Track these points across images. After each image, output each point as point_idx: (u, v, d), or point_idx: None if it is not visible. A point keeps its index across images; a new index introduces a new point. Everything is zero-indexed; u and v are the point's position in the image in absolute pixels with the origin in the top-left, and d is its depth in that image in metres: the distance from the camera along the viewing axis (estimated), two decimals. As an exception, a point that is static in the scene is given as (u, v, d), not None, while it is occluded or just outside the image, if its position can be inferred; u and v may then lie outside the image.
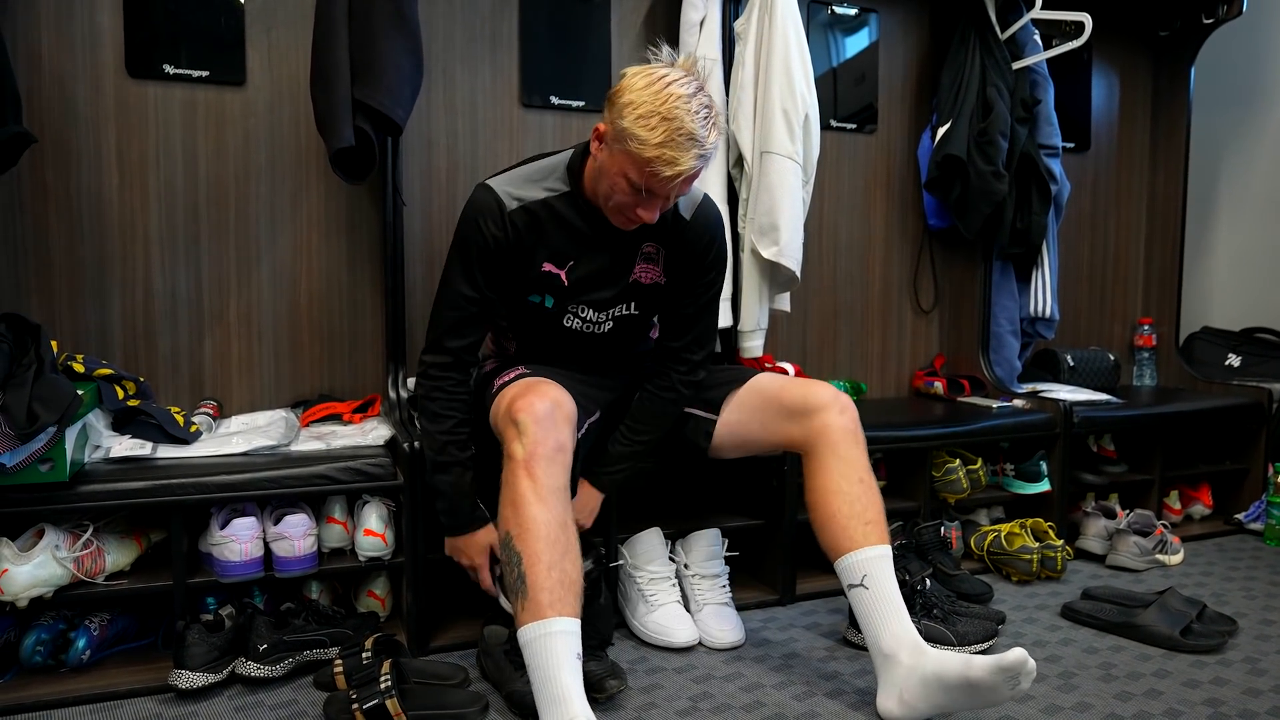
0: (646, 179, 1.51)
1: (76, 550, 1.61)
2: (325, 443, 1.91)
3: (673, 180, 1.50)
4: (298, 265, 2.21)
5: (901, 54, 2.84)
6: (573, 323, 1.78)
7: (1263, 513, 2.71)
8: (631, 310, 1.81)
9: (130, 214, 2.07)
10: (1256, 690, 1.69)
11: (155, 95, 2.07)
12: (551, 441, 1.53)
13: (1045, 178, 2.71)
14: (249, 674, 1.65)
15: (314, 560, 1.76)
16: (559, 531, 1.48)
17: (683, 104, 1.47)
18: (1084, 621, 2.02)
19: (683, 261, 1.77)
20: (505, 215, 1.66)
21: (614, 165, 1.54)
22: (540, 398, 1.56)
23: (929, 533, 2.21)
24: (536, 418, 1.53)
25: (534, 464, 1.50)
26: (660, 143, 1.46)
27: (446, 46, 2.30)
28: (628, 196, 1.56)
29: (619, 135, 1.51)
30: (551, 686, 1.37)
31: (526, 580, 1.44)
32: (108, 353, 2.05)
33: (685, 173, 1.50)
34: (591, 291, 1.75)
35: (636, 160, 1.49)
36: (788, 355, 2.69)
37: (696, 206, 1.76)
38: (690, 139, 1.47)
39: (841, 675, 1.75)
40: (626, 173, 1.52)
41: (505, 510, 1.51)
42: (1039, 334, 2.93)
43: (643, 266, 1.76)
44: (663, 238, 1.75)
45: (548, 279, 1.72)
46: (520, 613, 1.43)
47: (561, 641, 1.40)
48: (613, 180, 1.56)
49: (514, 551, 1.47)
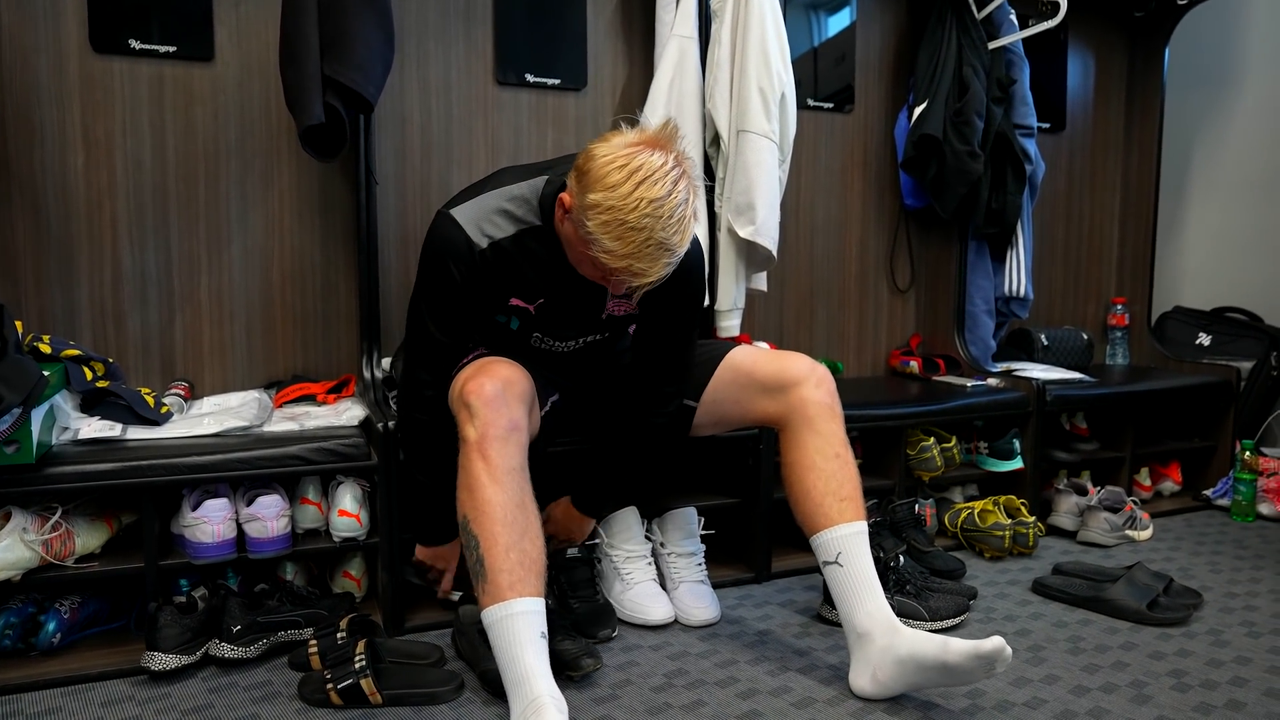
0: (612, 282, 1.46)
1: (45, 533, 1.59)
2: (299, 423, 1.90)
3: (640, 287, 1.43)
4: (270, 244, 2.18)
5: (879, 33, 2.83)
6: (539, 344, 1.74)
7: (1230, 489, 2.76)
8: (603, 337, 1.77)
9: (97, 193, 2.03)
10: (1219, 661, 1.72)
11: (121, 71, 2.03)
12: (504, 421, 1.49)
13: (1020, 158, 2.73)
14: (223, 655, 1.64)
15: (288, 541, 1.75)
16: (516, 512, 1.45)
17: (655, 210, 1.33)
18: (1054, 596, 2.05)
19: (659, 299, 1.62)
20: (475, 254, 1.55)
21: (580, 246, 1.44)
22: (490, 378, 1.52)
23: (903, 510, 2.23)
24: (486, 399, 1.49)
25: (487, 445, 1.47)
26: (627, 254, 1.36)
27: (419, 22, 2.27)
28: (592, 275, 1.49)
29: (585, 233, 1.38)
30: (516, 667, 1.37)
31: (485, 563, 1.42)
32: (76, 334, 2.02)
33: (654, 282, 1.41)
34: (560, 326, 1.71)
35: (601, 265, 1.40)
36: (764, 334, 2.69)
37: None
38: (660, 249, 1.36)
39: (815, 651, 1.77)
40: (593, 262, 1.42)
41: (461, 494, 1.49)
42: (1013, 313, 2.95)
43: (615, 303, 1.69)
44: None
45: (515, 309, 1.66)
46: (481, 596, 1.42)
47: (523, 622, 1.39)
48: (578, 258, 1.48)
49: (471, 535, 1.45)
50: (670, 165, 1.37)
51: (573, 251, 1.50)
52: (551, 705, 1.33)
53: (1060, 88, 3.15)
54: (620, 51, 2.48)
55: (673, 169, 1.37)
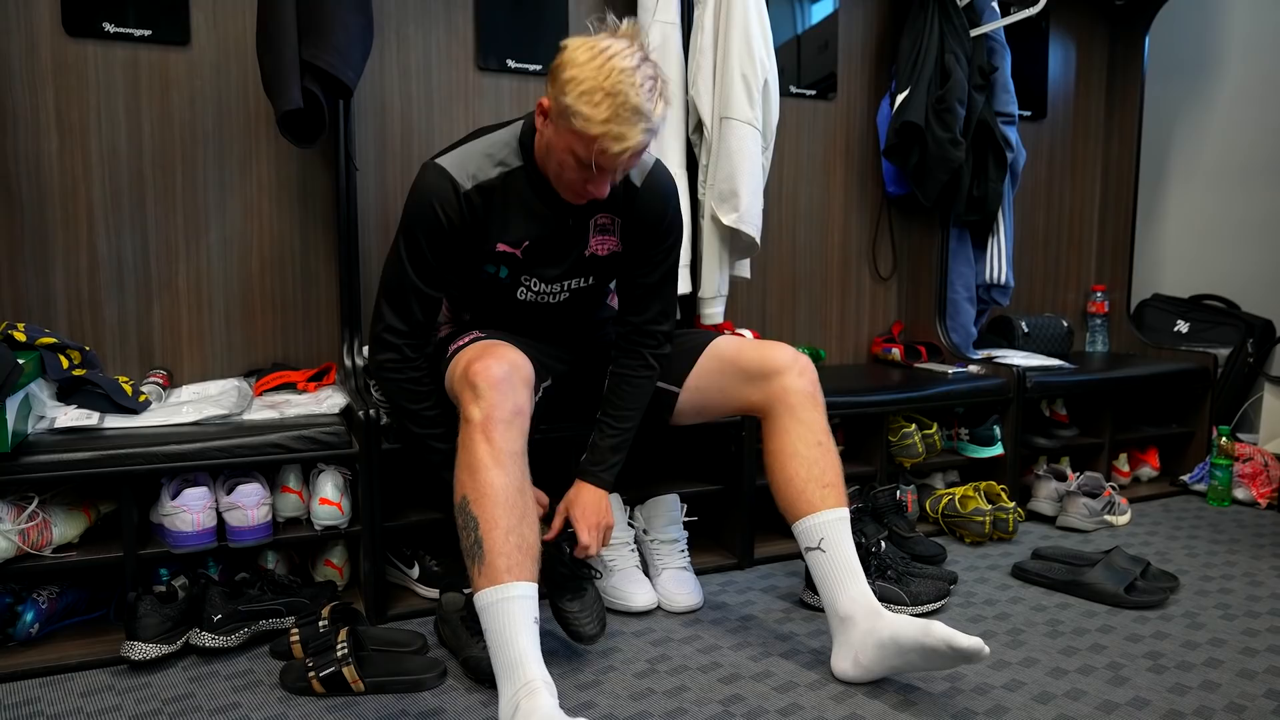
0: (594, 155, 1.47)
1: (21, 523, 1.57)
2: (279, 411, 1.88)
3: (620, 156, 1.47)
4: (248, 231, 2.16)
5: (862, 20, 2.83)
6: (526, 295, 1.76)
7: (1206, 474, 2.79)
8: (588, 283, 1.79)
9: (72, 179, 2.00)
10: (1194, 643, 1.75)
11: (95, 55, 2.00)
12: (509, 405, 1.50)
13: (1002, 145, 2.74)
14: (203, 644, 1.63)
15: (268, 530, 1.75)
16: (516, 496, 1.45)
17: (627, 77, 1.42)
18: (1033, 580, 2.07)
19: (638, 230, 1.73)
20: (460, 197, 1.60)
21: (560, 142, 1.51)
22: (497, 360, 1.53)
23: (885, 496, 2.24)
24: (493, 381, 1.50)
25: (491, 427, 1.47)
26: (606, 119, 1.42)
27: (399, 6, 2.24)
28: (576, 173, 1.53)
29: (563, 112, 1.46)
30: (509, 650, 1.36)
31: (484, 545, 1.41)
32: (51, 322, 2.00)
33: (633, 148, 1.46)
34: (546, 266, 1.72)
35: (583, 137, 1.45)
36: (747, 322, 2.70)
37: (648, 173, 1.71)
38: (636, 113, 1.43)
39: (797, 636, 1.78)
40: (573, 149, 1.49)
41: (461, 474, 1.48)
42: (994, 300, 2.97)
43: (598, 239, 1.73)
44: (616, 208, 1.71)
45: (502, 256, 1.69)
46: (476, 577, 1.42)
47: (519, 606, 1.39)
48: (560, 157, 1.53)
49: (470, 516, 1.44)
50: (635, 49, 1.47)
51: (554, 160, 1.55)
52: (544, 689, 1.33)
53: (1041, 75, 3.16)
54: (602, 37, 2.47)
55: (638, 51, 1.47)
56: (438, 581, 1.91)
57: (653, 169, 1.73)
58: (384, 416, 1.82)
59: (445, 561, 1.96)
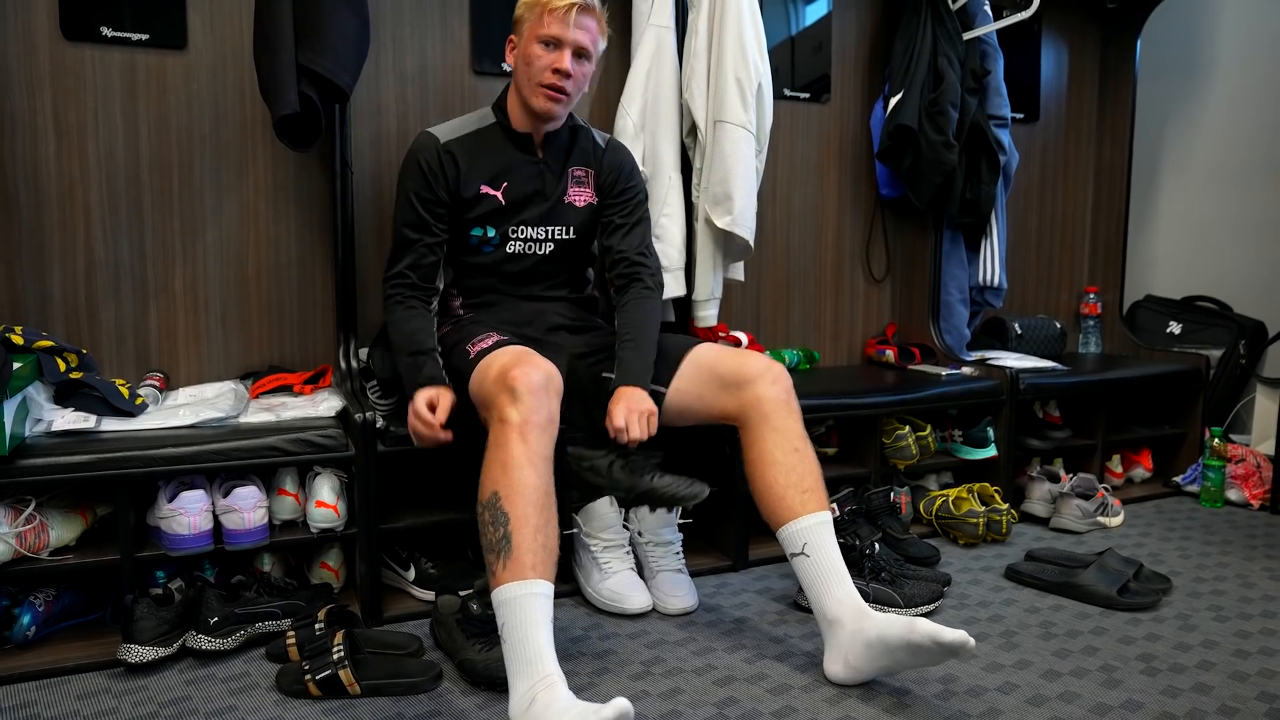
0: (549, 23, 1.76)
1: (18, 526, 1.58)
2: (275, 414, 1.89)
3: (568, 19, 1.75)
4: (245, 234, 2.17)
5: (855, 23, 2.85)
6: (515, 246, 1.92)
7: (1199, 475, 2.81)
8: (569, 235, 1.96)
9: (69, 182, 2.01)
10: (1186, 645, 1.76)
11: (93, 58, 2.00)
12: (545, 412, 1.55)
13: (994, 148, 2.75)
14: (200, 647, 1.64)
15: (265, 532, 1.75)
16: (546, 498, 1.49)
17: None
18: (1026, 582, 2.08)
19: (609, 178, 1.97)
20: (440, 147, 1.85)
21: (526, 45, 1.81)
22: (535, 369, 1.57)
23: (879, 498, 2.26)
24: (532, 387, 1.54)
25: (528, 430, 1.51)
26: None
27: (395, 10, 2.25)
28: (544, 58, 1.78)
29: (520, 20, 1.82)
30: (527, 645, 1.38)
31: (512, 540, 1.44)
32: (48, 325, 2.00)
33: (574, 7, 1.74)
34: (528, 208, 1.91)
35: (537, 17, 1.77)
36: (741, 324, 2.71)
37: (609, 140, 2.03)
38: None
39: (791, 639, 1.79)
40: (536, 35, 1.78)
41: (494, 471, 1.50)
42: (988, 302, 2.98)
43: (575, 190, 1.95)
44: (588, 161, 1.97)
45: (485, 201, 1.88)
46: (499, 571, 1.43)
47: (541, 603, 1.41)
48: (529, 56, 1.80)
49: (500, 511, 1.46)
50: None
51: (523, 67, 1.82)
52: (561, 682, 1.36)
53: (1034, 78, 3.18)
54: (598, 41, 2.47)
55: None
56: (433, 584, 1.92)
57: (612, 138, 2.05)
58: (380, 419, 1.83)
59: (441, 564, 1.97)
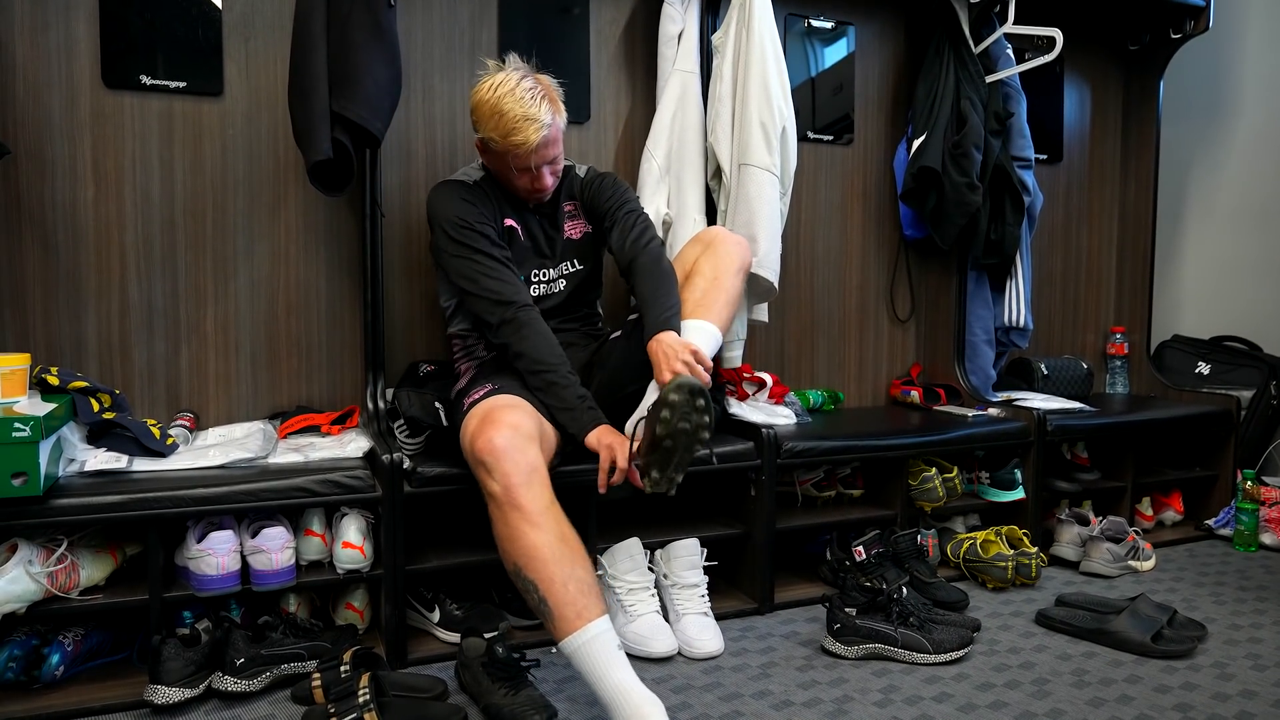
0: (515, 160, 1.84)
1: (50, 565, 1.59)
2: (303, 455, 1.90)
3: (531, 153, 1.82)
4: (275, 276, 2.20)
5: (877, 66, 2.87)
6: (536, 289, 2.00)
7: (1232, 519, 2.76)
8: (576, 265, 2.05)
9: (106, 226, 2.05)
10: (1224, 695, 1.72)
11: (132, 106, 2.06)
12: (523, 466, 1.58)
13: (1018, 189, 2.75)
14: (226, 688, 1.64)
15: (292, 573, 1.76)
16: (560, 547, 1.53)
17: (510, 95, 1.79)
18: (1058, 628, 2.04)
19: (594, 199, 2.04)
20: (468, 182, 1.96)
21: (495, 162, 1.91)
22: (497, 429, 1.61)
23: (906, 541, 2.23)
24: (498, 452, 1.58)
25: (515, 494, 1.55)
26: (507, 132, 1.79)
27: (425, 57, 2.30)
28: (521, 178, 1.89)
29: (486, 142, 1.86)
30: (605, 685, 1.44)
31: (549, 602, 1.50)
32: (83, 365, 2.04)
33: (536, 143, 1.80)
34: (541, 246, 2.01)
35: (501, 151, 1.84)
36: (765, 365, 2.71)
37: (588, 170, 2.10)
38: (526, 119, 1.79)
39: (819, 684, 1.77)
40: (505, 161, 1.86)
41: (504, 546, 1.56)
42: (1013, 343, 2.97)
43: (570, 224, 2.05)
44: (573, 194, 2.06)
45: (510, 234, 1.97)
46: (552, 630, 1.50)
47: (599, 644, 1.46)
48: (502, 174, 1.92)
49: (527, 580, 1.52)
50: (514, 71, 1.83)
51: (502, 177, 1.94)
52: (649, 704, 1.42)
53: (1057, 120, 3.19)
54: (623, 86, 2.52)
55: (515, 72, 1.83)
56: (458, 625, 1.91)
57: (590, 168, 2.12)
58: (406, 460, 1.84)
59: (466, 606, 1.97)
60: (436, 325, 2.31)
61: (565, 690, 1.72)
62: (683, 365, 1.68)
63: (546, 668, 1.81)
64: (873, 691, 1.73)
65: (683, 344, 1.73)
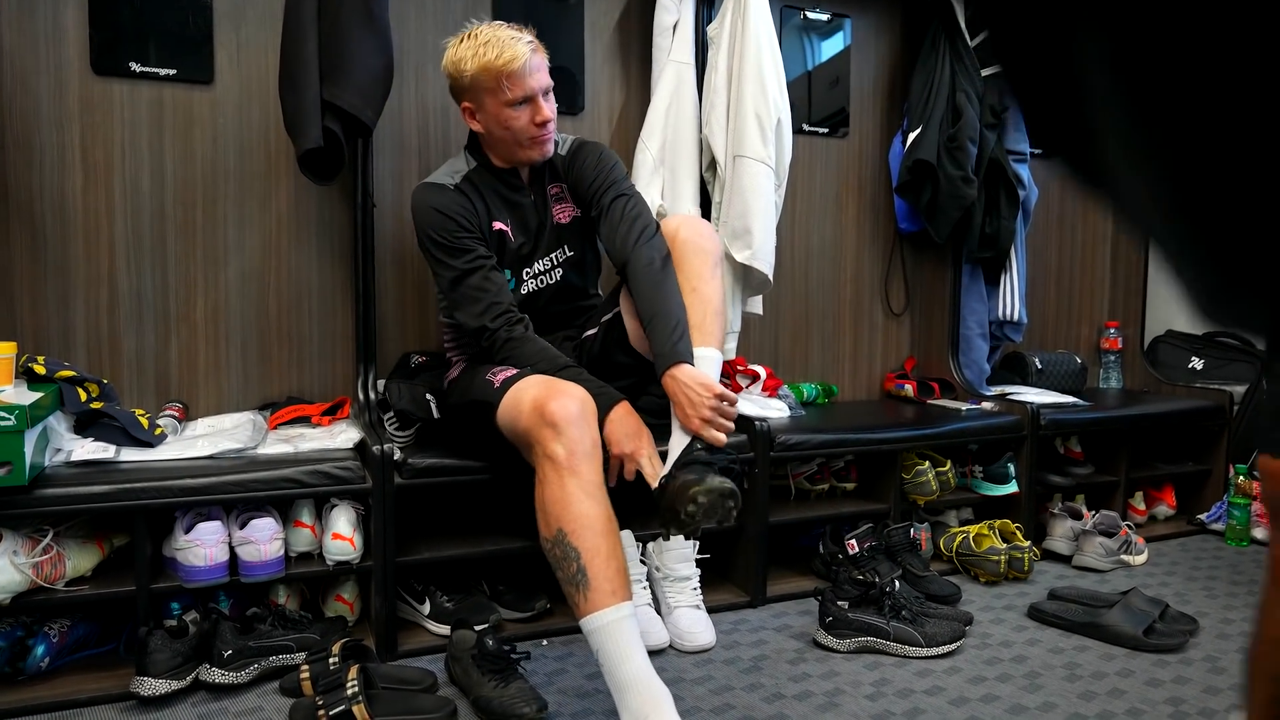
0: (512, 85, 1.74)
1: (35, 556, 1.58)
2: (293, 445, 1.89)
3: (527, 71, 1.74)
4: (266, 266, 2.19)
5: (873, 59, 2.86)
6: (529, 285, 1.92)
7: (1224, 513, 2.76)
8: (568, 253, 1.96)
9: (95, 215, 2.03)
10: (1216, 689, 1.72)
11: (121, 93, 2.04)
12: (589, 440, 1.57)
13: (1014, 183, 2.75)
14: (213, 680, 1.63)
15: (281, 565, 1.74)
16: (608, 524, 1.52)
17: (488, 29, 1.77)
18: (1050, 622, 2.04)
19: (578, 179, 1.92)
20: (449, 189, 1.84)
21: (492, 109, 1.79)
22: (570, 397, 1.58)
23: (899, 534, 2.23)
24: (571, 418, 1.55)
25: (577, 462, 1.54)
26: (496, 55, 1.73)
27: (418, 45, 2.28)
28: (521, 116, 1.78)
29: (473, 86, 1.78)
30: (626, 667, 1.43)
31: (589, 572, 1.48)
32: (71, 355, 2.02)
33: (529, 58, 1.74)
34: (531, 240, 1.91)
35: (495, 81, 1.74)
36: (760, 358, 2.70)
37: (569, 143, 1.96)
38: (512, 38, 1.75)
39: (810, 677, 1.76)
40: (501, 99, 1.76)
41: (553, 509, 1.53)
42: (1007, 337, 2.96)
43: (558, 208, 1.95)
44: (558, 175, 1.94)
45: (499, 239, 1.88)
46: (582, 603, 1.48)
47: (629, 625, 1.46)
48: (502, 119, 1.79)
49: (570, 546, 1.50)
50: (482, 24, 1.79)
51: (499, 127, 1.80)
52: (667, 700, 1.41)
53: (1053, 114, 3.17)
54: (618, 77, 2.50)
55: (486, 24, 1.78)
56: (449, 618, 1.90)
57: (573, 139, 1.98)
58: (397, 451, 1.83)
59: (456, 598, 1.96)
60: (429, 316, 2.30)
61: (555, 682, 1.71)
62: (709, 414, 1.59)
63: (537, 660, 1.80)
64: (864, 684, 1.72)
65: (704, 386, 1.60)
